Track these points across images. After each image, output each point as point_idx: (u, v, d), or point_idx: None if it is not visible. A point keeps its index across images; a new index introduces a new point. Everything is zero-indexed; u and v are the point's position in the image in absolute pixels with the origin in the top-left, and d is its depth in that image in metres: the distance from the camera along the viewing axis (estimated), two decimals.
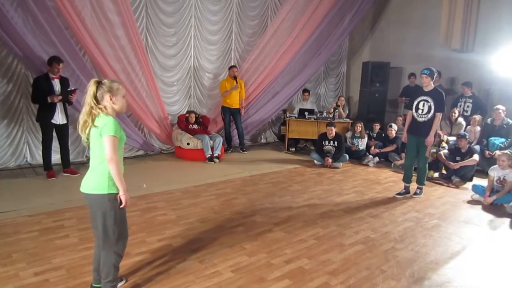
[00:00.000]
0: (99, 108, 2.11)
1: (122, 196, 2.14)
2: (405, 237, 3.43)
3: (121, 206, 2.16)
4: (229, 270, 2.72)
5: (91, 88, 2.12)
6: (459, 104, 6.55)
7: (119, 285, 2.40)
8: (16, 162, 5.19)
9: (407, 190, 4.72)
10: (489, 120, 6.03)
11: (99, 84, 2.13)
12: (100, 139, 2.08)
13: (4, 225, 3.29)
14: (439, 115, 4.39)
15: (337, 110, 7.27)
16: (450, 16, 6.80)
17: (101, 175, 2.12)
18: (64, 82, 4.63)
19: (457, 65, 6.94)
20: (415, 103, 4.52)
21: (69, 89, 4.63)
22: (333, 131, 6.10)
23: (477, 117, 6.16)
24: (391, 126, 6.47)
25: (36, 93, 4.49)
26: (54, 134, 4.71)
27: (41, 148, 4.81)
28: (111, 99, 2.14)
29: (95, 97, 2.12)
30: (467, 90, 6.43)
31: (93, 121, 2.10)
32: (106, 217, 2.13)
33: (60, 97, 4.50)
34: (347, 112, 7.85)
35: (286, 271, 2.74)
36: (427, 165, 4.67)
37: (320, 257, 2.96)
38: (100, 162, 2.12)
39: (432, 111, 4.38)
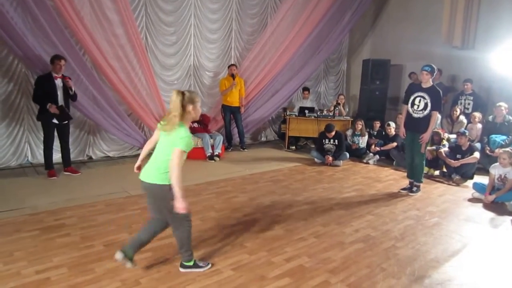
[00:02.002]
0: (183, 116, 2.41)
1: (179, 201, 2.33)
2: (405, 235, 3.43)
3: (179, 211, 2.36)
4: (230, 268, 2.72)
5: (177, 97, 2.38)
6: (459, 102, 6.53)
7: (205, 268, 2.65)
8: (17, 161, 5.20)
9: (411, 186, 4.72)
10: (490, 118, 6.01)
11: (183, 94, 2.41)
12: (170, 145, 2.38)
13: (6, 223, 3.30)
14: (435, 114, 4.37)
15: (337, 108, 7.26)
16: (451, 13, 6.78)
17: (163, 169, 2.40)
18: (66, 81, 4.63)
19: (457, 62, 6.92)
20: (411, 98, 4.50)
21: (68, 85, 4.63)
22: (331, 135, 6.09)
23: (477, 114, 6.14)
24: (389, 124, 6.46)
25: (38, 92, 4.49)
26: (55, 133, 4.72)
27: (42, 147, 4.82)
28: (193, 109, 2.45)
29: (182, 106, 2.39)
30: (468, 87, 6.42)
31: (173, 124, 2.39)
32: (168, 202, 2.39)
33: (58, 112, 4.50)
34: (347, 110, 7.83)
35: (286, 269, 2.74)
36: (424, 162, 4.66)
37: (321, 255, 2.96)
38: (163, 161, 2.41)
39: (428, 108, 4.36)
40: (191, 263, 2.65)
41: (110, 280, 2.50)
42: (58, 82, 4.56)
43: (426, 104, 4.38)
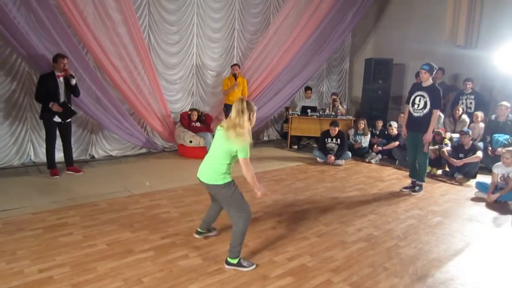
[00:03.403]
0: (245, 121, 2.59)
1: (258, 191, 2.75)
2: (408, 234, 3.43)
3: (258, 197, 2.78)
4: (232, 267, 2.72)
5: (242, 105, 2.59)
6: (460, 102, 6.51)
7: (249, 268, 2.72)
8: (20, 160, 5.22)
9: (413, 185, 4.71)
10: (493, 117, 5.98)
11: (247, 103, 2.62)
12: (227, 148, 2.61)
13: (9, 222, 3.32)
14: (436, 112, 4.37)
15: (339, 109, 7.24)
16: (455, 12, 6.75)
17: (218, 171, 2.67)
18: (68, 79, 4.64)
19: (460, 61, 6.89)
20: (412, 97, 4.52)
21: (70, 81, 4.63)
22: (336, 130, 6.09)
23: (480, 113, 6.12)
24: (390, 125, 6.44)
25: (40, 90, 4.51)
26: (58, 132, 4.73)
27: (44, 146, 4.83)
28: (251, 118, 2.67)
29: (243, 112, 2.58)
30: (469, 86, 6.39)
31: (236, 127, 2.57)
32: (227, 198, 2.71)
33: (61, 109, 4.51)
34: (345, 107, 7.81)
35: (288, 268, 2.74)
36: (427, 161, 4.65)
37: (323, 255, 2.96)
38: (218, 163, 2.66)
39: (428, 106, 4.36)
40: (235, 261, 2.70)
41: (113, 279, 2.51)
42: (61, 81, 4.57)
43: (425, 103, 4.38)
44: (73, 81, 4.62)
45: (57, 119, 4.61)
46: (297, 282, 2.57)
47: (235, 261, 2.70)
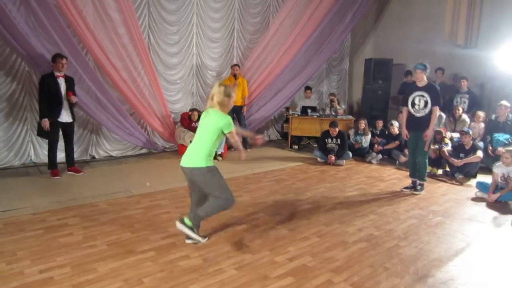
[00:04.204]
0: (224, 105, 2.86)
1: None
2: (408, 234, 3.42)
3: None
4: (233, 267, 2.72)
5: (220, 88, 2.84)
6: (455, 101, 6.51)
7: (200, 240, 2.95)
8: (21, 160, 5.22)
9: (414, 185, 4.71)
10: (493, 117, 5.99)
11: (225, 87, 2.85)
12: (214, 125, 2.81)
13: (9, 223, 3.32)
14: (436, 109, 4.39)
15: (339, 108, 7.24)
16: (454, 11, 6.76)
17: (201, 152, 2.84)
18: (69, 81, 4.65)
19: (460, 61, 6.89)
20: (411, 99, 4.52)
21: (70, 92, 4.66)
22: (335, 131, 6.08)
23: (481, 113, 6.13)
24: (392, 124, 6.44)
25: (44, 93, 4.49)
26: (61, 132, 4.73)
27: (45, 146, 4.84)
28: (229, 102, 2.90)
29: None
30: (464, 84, 6.40)
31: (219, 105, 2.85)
32: (208, 181, 2.87)
33: (48, 123, 4.49)
34: (343, 106, 7.81)
35: (289, 268, 2.74)
36: (427, 160, 4.65)
37: (323, 255, 2.96)
38: (203, 143, 2.84)
39: (429, 105, 4.38)
40: (190, 224, 2.90)
41: (113, 280, 2.51)
42: (60, 81, 4.57)
43: (426, 102, 4.39)
44: (74, 107, 4.73)
45: (60, 119, 4.58)
46: (297, 282, 2.56)
47: (190, 224, 2.89)
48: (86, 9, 5.18)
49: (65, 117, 4.65)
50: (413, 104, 4.51)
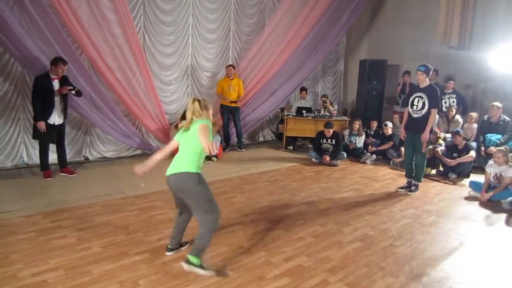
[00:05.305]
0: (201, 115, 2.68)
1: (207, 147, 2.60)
2: (403, 233, 3.44)
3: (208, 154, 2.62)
4: (228, 268, 2.71)
5: (194, 104, 2.66)
6: (444, 101, 6.58)
7: (207, 274, 2.60)
8: (13, 162, 5.16)
9: (409, 185, 4.74)
10: (485, 117, 6.06)
11: (199, 101, 2.68)
12: (194, 135, 2.60)
13: (1, 226, 3.27)
14: (434, 111, 4.42)
15: (332, 109, 7.26)
16: (448, 13, 6.82)
17: (190, 160, 2.64)
18: (63, 80, 4.59)
19: (454, 62, 6.95)
20: (411, 99, 4.57)
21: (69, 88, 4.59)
22: (330, 132, 6.11)
23: (474, 114, 6.21)
24: (386, 125, 6.49)
25: (38, 94, 4.42)
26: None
27: (37, 148, 4.78)
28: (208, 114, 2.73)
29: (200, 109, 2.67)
30: (450, 85, 6.49)
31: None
32: (198, 195, 2.62)
33: (44, 125, 4.44)
34: (336, 107, 7.83)
35: (285, 269, 2.74)
36: (425, 162, 4.69)
37: (319, 255, 2.97)
38: (190, 153, 2.64)
39: (426, 107, 4.41)
40: (198, 262, 2.57)
41: (108, 282, 2.49)
42: (55, 83, 4.53)
43: (423, 104, 4.43)
44: (74, 92, 4.61)
45: (50, 121, 4.51)
46: (293, 282, 2.57)
47: (198, 261, 2.56)
48: (80, 9, 5.13)
49: (55, 119, 4.59)
50: (412, 105, 4.55)
